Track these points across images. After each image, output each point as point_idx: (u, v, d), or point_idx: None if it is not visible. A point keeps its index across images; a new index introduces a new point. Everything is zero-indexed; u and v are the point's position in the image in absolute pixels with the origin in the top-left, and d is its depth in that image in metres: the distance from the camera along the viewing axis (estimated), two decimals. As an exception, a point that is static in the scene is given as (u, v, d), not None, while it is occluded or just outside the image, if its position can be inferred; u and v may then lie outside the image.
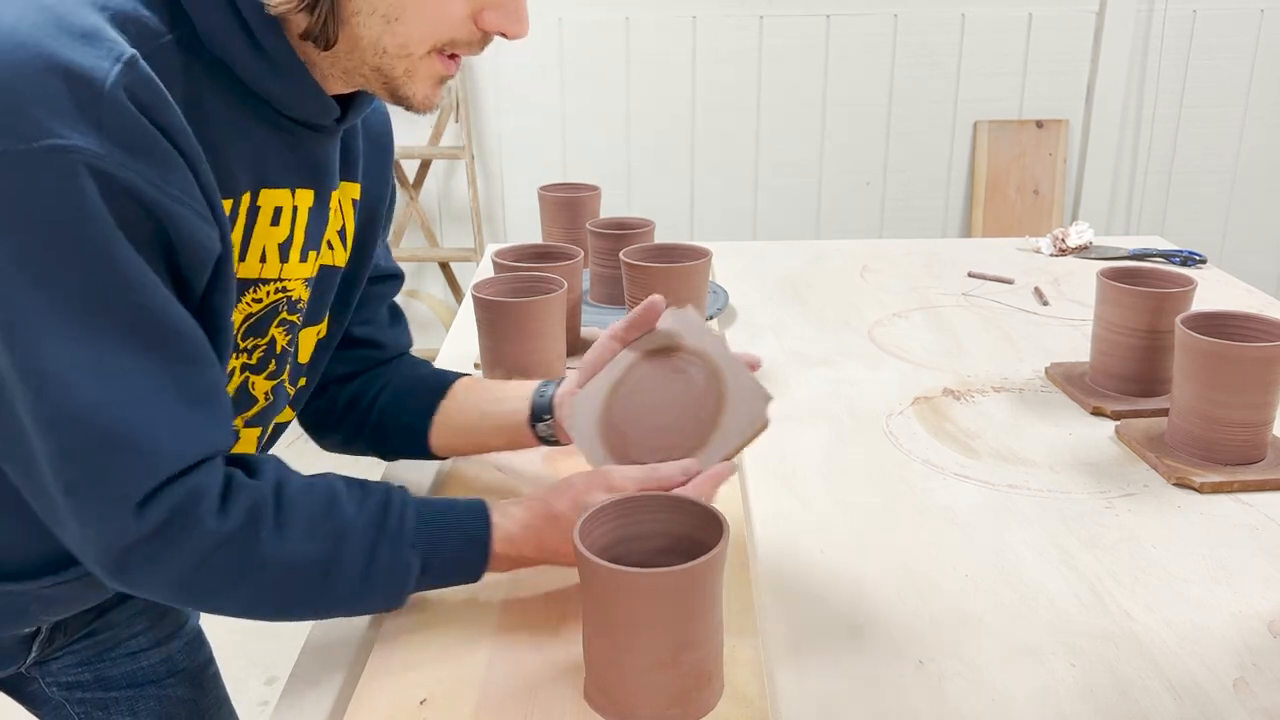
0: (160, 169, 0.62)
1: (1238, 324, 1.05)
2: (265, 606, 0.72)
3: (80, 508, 0.65)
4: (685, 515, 0.73)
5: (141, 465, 0.64)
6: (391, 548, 0.74)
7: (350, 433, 0.99)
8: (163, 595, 0.70)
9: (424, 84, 0.75)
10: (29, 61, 0.58)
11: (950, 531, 0.94)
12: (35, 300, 0.60)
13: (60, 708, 1.00)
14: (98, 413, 0.62)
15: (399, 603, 0.76)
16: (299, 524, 0.71)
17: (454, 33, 0.72)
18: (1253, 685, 0.74)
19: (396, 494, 0.77)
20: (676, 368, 0.86)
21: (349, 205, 0.89)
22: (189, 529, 0.66)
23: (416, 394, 0.98)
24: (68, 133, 0.58)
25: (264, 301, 0.80)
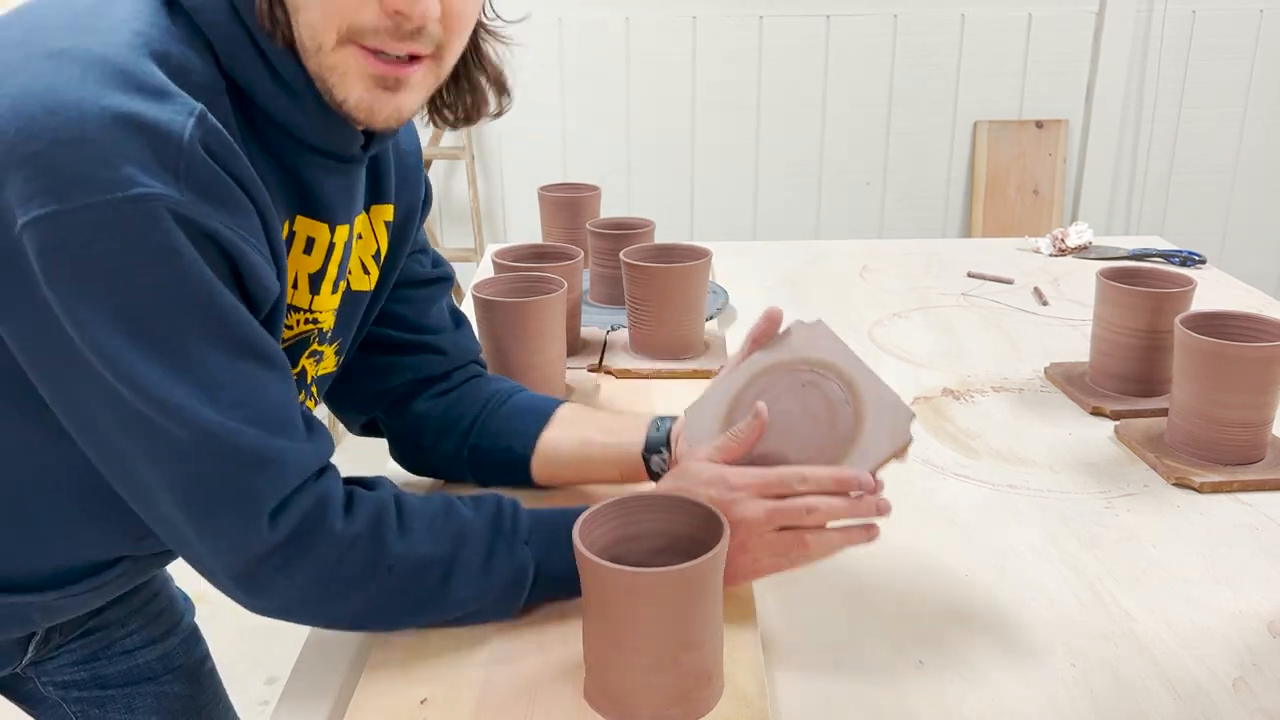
0: (234, 214, 0.65)
1: (1237, 324, 1.05)
2: (388, 611, 0.73)
3: (211, 528, 0.67)
4: (685, 515, 0.73)
5: (274, 477, 0.67)
6: (507, 546, 0.76)
7: (445, 457, 0.97)
8: (294, 604, 0.71)
9: (355, 84, 0.69)
10: (104, 115, 0.59)
11: (950, 531, 0.94)
12: (141, 339, 0.62)
13: (56, 707, 1.00)
14: (225, 433, 0.65)
15: (514, 606, 0.77)
16: (421, 527, 0.74)
17: (354, 17, 0.66)
18: (1253, 685, 0.74)
19: (506, 500, 0.79)
20: (807, 380, 0.82)
21: (381, 227, 0.89)
22: (319, 534, 0.69)
23: (518, 418, 0.96)
24: (150, 181, 0.60)
25: (295, 329, 0.82)
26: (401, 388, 0.97)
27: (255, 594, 0.70)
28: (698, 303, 1.29)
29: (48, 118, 0.59)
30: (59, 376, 0.65)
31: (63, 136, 0.58)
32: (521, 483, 0.95)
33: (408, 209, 0.92)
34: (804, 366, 0.83)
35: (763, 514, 0.75)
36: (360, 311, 0.89)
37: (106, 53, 0.62)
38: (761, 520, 0.75)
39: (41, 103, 0.59)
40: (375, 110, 0.71)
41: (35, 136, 0.58)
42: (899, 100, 3.32)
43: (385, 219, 0.89)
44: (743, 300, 1.59)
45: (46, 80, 0.60)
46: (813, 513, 0.75)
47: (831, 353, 0.82)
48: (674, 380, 1.27)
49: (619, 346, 1.34)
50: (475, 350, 1.02)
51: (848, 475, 0.76)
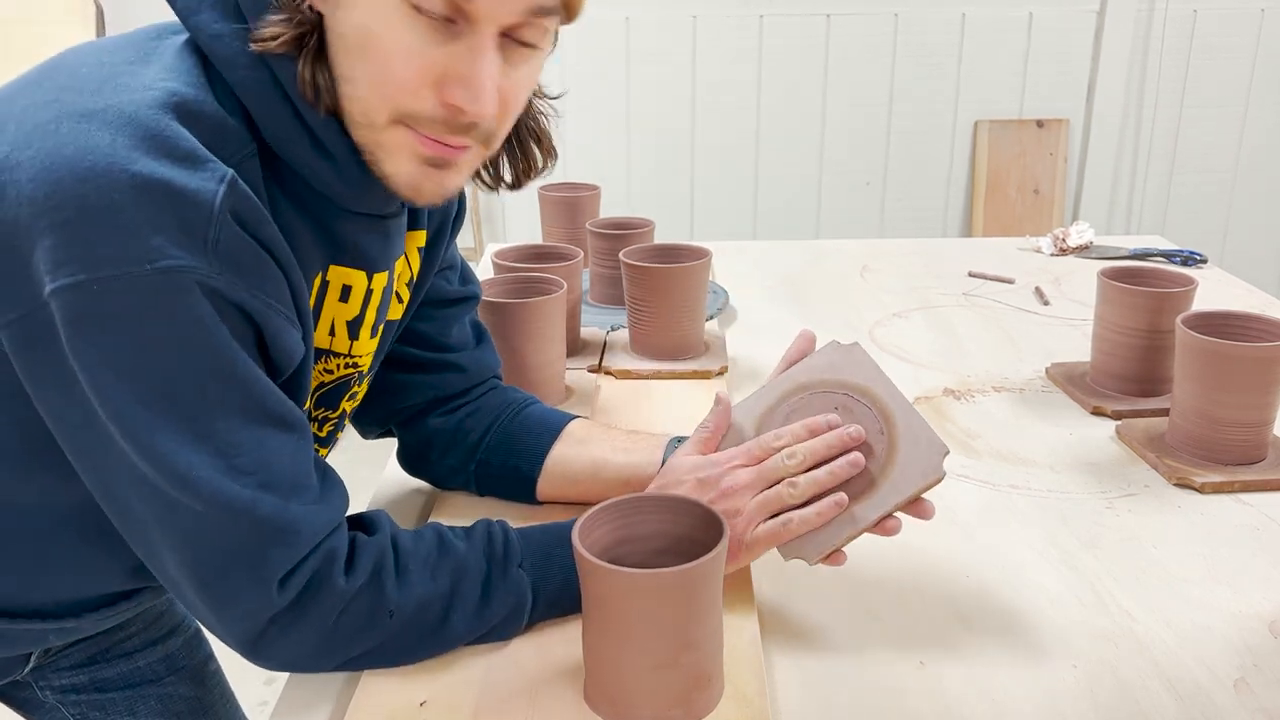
0: (261, 281, 0.65)
1: (1238, 324, 1.05)
2: (392, 654, 0.73)
3: (221, 596, 0.67)
4: (685, 516, 0.73)
5: (288, 546, 0.67)
6: (502, 573, 0.76)
7: (451, 470, 0.97)
8: (301, 659, 0.71)
9: (402, 162, 0.69)
10: (134, 183, 0.59)
11: (950, 531, 0.94)
12: (161, 408, 0.62)
13: (55, 711, 0.99)
14: (242, 504, 0.65)
15: (517, 629, 0.77)
16: (418, 567, 0.73)
17: (409, 102, 0.66)
18: (1253, 685, 0.74)
19: (496, 526, 0.79)
20: (841, 404, 0.81)
21: (415, 254, 0.88)
22: (323, 592, 0.69)
23: (528, 435, 0.95)
24: (179, 254, 0.60)
25: (335, 374, 0.82)
26: (420, 404, 0.97)
27: (262, 653, 0.70)
28: (698, 303, 1.29)
29: (77, 185, 0.58)
30: (77, 437, 0.65)
31: (92, 205, 0.58)
32: (526, 499, 0.95)
33: (439, 226, 0.91)
34: (839, 390, 0.81)
35: (750, 476, 0.78)
36: (390, 339, 0.90)
37: (138, 114, 0.61)
38: (750, 482, 0.78)
39: (71, 168, 0.58)
40: (421, 188, 0.71)
41: (65, 204, 0.58)
42: (899, 100, 3.32)
43: (418, 245, 0.89)
44: (743, 300, 1.59)
45: (77, 144, 0.59)
46: (794, 486, 0.77)
47: (869, 379, 0.81)
48: (674, 380, 1.27)
49: (619, 347, 1.34)
50: (495, 366, 1.01)
51: (817, 423, 0.79)
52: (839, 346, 0.83)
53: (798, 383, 0.83)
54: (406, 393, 0.96)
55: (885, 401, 0.79)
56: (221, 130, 0.65)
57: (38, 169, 0.59)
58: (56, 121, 0.60)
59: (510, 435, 0.95)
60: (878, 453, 0.78)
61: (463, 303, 0.98)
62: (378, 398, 0.96)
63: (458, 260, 1.00)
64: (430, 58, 0.64)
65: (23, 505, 0.74)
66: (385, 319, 0.86)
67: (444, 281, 0.96)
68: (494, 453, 0.95)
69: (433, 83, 0.65)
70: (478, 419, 0.96)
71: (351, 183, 0.71)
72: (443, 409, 0.97)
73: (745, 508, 0.77)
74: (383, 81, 0.65)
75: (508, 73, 0.68)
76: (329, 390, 0.83)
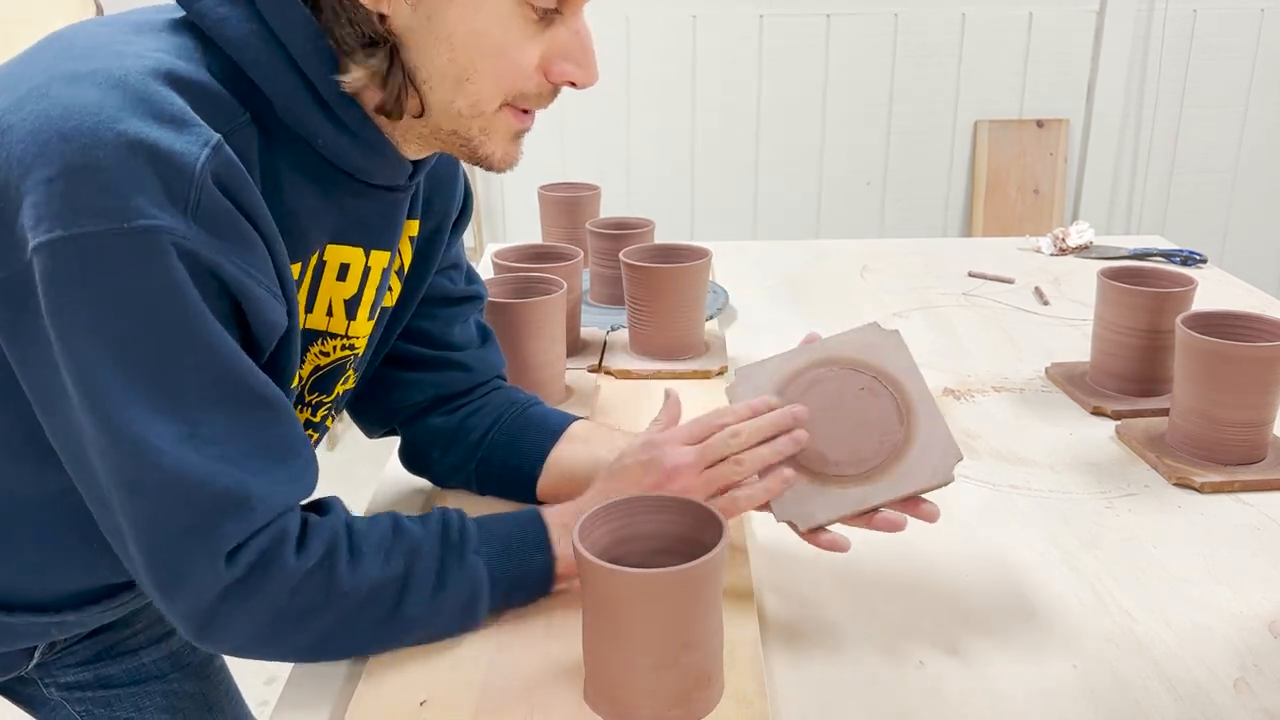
0: (240, 249, 0.65)
1: (1238, 324, 1.05)
2: (345, 639, 0.73)
3: (168, 568, 0.67)
4: (685, 516, 0.73)
5: (241, 519, 0.66)
6: (457, 558, 0.75)
7: (452, 468, 0.97)
8: (249, 640, 0.70)
9: (501, 140, 0.75)
10: (119, 143, 0.59)
11: (951, 532, 0.94)
12: (128, 373, 0.62)
13: (60, 708, 0.99)
14: (197, 474, 0.64)
15: (477, 617, 0.77)
16: (371, 550, 0.73)
17: (524, 85, 0.72)
18: (1253, 685, 0.74)
19: (452, 512, 0.79)
20: (867, 385, 0.81)
21: (406, 243, 0.89)
22: (273, 570, 0.68)
23: (529, 434, 0.95)
24: (158, 213, 0.60)
25: (331, 356, 0.82)
26: (423, 402, 0.97)
27: (211, 633, 0.69)
28: (698, 303, 1.29)
29: (63, 143, 0.59)
30: (51, 404, 0.65)
31: (75, 163, 0.58)
32: (527, 498, 0.95)
33: (438, 222, 0.92)
34: (867, 371, 0.81)
35: (693, 455, 0.79)
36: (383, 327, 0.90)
37: (127, 78, 0.61)
38: (693, 461, 0.79)
39: (58, 127, 0.59)
40: (511, 159, 0.77)
41: (50, 161, 0.59)
42: (899, 100, 3.31)
43: (410, 234, 0.89)
44: (743, 300, 1.59)
45: (64, 104, 0.60)
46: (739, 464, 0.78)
47: (900, 369, 0.81)
48: (674, 381, 1.27)
49: (619, 347, 1.34)
50: (499, 366, 1.01)
51: (757, 403, 0.80)
52: (878, 329, 0.83)
53: (830, 354, 0.83)
54: (409, 390, 0.96)
55: (911, 395, 0.80)
56: (212, 99, 0.65)
57: (27, 130, 0.59)
58: (47, 85, 0.61)
59: (512, 434, 0.95)
60: (891, 441, 0.78)
61: (467, 302, 0.99)
62: (381, 395, 0.96)
63: (463, 260, 1.00)
64: (538, 42, 0.71)
65: (24, 496, 0.74)
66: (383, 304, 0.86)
67: (448, 280, 0.96)
68: (495, 451, 0.95)
69: (540, 65, 0.72)
70: (480, 418, 0.96)
71: (368, 154, 0.73)
72: (445, 408, 0.97)
73: (692, 486, 0.78)
74: (504, 75, 0.71)
75: None
76: (325, 374, 0.83)
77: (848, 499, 0.78)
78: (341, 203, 0.75)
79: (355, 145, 0.72)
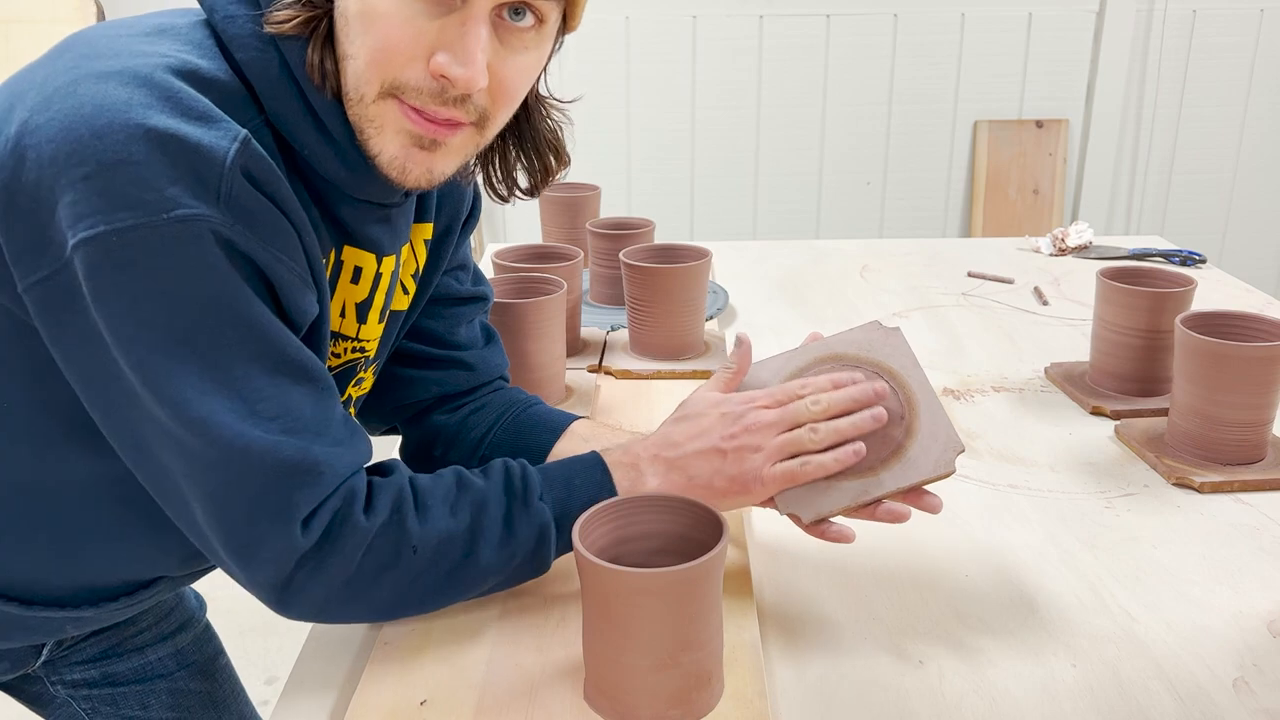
0: (272, 237, 0.66)
1: (1238, 324, 1.05)
2: (420, 593, 0.74)
3: (247, 542, 0.68)
4: (684, 515, 0.73)
5: (311, 486, 0.68)
6: (524, 505, 0.76)
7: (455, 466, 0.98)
8: (328, 601, 0.71)
9: (391, 139, 0.69)
10: (150, 138, 0.60)
11: (950, 531, 0.94)
12: (182, 357, 0.64)
13: (65, 705, 1.00)
14: (263, 446, 0.66)
15: (545, 562, 0.77)
16: (437, 504, 0.74)
17: (400, 73, 0.67)
18: (1253, 685, 0.74)
19: (514, 463, 0.80)
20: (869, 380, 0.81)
21: (421, 246, 0.89)
22: (346, 532, 0.70)
23: (531, 433, 0.95)
24: (195, 203, 0.61)
25: (342, 358, 0.83)
26: (426, 401, 0.97)
27: (291, 601, 0.70)
28: (698, 303, 1.29)
29: (95, 140, 0.60)
30: (106, 395, 0.66)
31: (109, 158, 0.59)
32: None
33: (448, 223, 0.92)
34: (869, 366, 0.82)
35: (775, 415, 0.78)
36: (396, 330, 0.90)
37: (153, 75, 0.62)
38: (774, 420, 0.78)
39: (89, 125, 0.60)
40: (408, 168, 0.71)
41: (84, 160, 0.60)
42: (899, 100, 3.31)
43: (425, 237, 0.89)
44: (743, 300, 1.59)
45: (94, 102, 0.61)
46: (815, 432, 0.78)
47: (902, 365, 0.82)
48: (674, 380, 1.27)
49: (619, 347, 1.34)
50: (503, 367, 1.02)
51: (841, 378, 0.80)
52: (880, 327, 0.84)
53: (832, 352, 0.84)
54: (413, 388, 0.96)
55: (913, 390, 0.80)
56: (233, 98, 0.66)
57: (56, 129, 0.60)
58: (74, 84, 0.62)
59: (513, 433, 0.95)
60: (894, 436, 0.79)
61: (473, 302, 0.99)
62: (385, 393, 0.96)
63: (470, 261, 1.00)
64: (423, 28, 0.66)
65: (49, 488, 0.75)
66: (391, 307, 0.86)
67: (454, 281, 0.97)
68: (497, 450, 0.95)
69: (424, 54, 0.67)
70: (481, 416, 0.96)
71: (353, 167, 0.72)
72: (447, 406, 0.97)
73: (766, 445, 0.78)
74: (378, 51, 0.67)
75: (503, 55, 0.69)
76: (336, 375, 0.84)
77: (850, 491, 0.78)
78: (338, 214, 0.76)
79: (339, 157, 0.72)
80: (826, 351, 0.84)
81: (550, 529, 0.77)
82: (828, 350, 0.84)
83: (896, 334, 0.83)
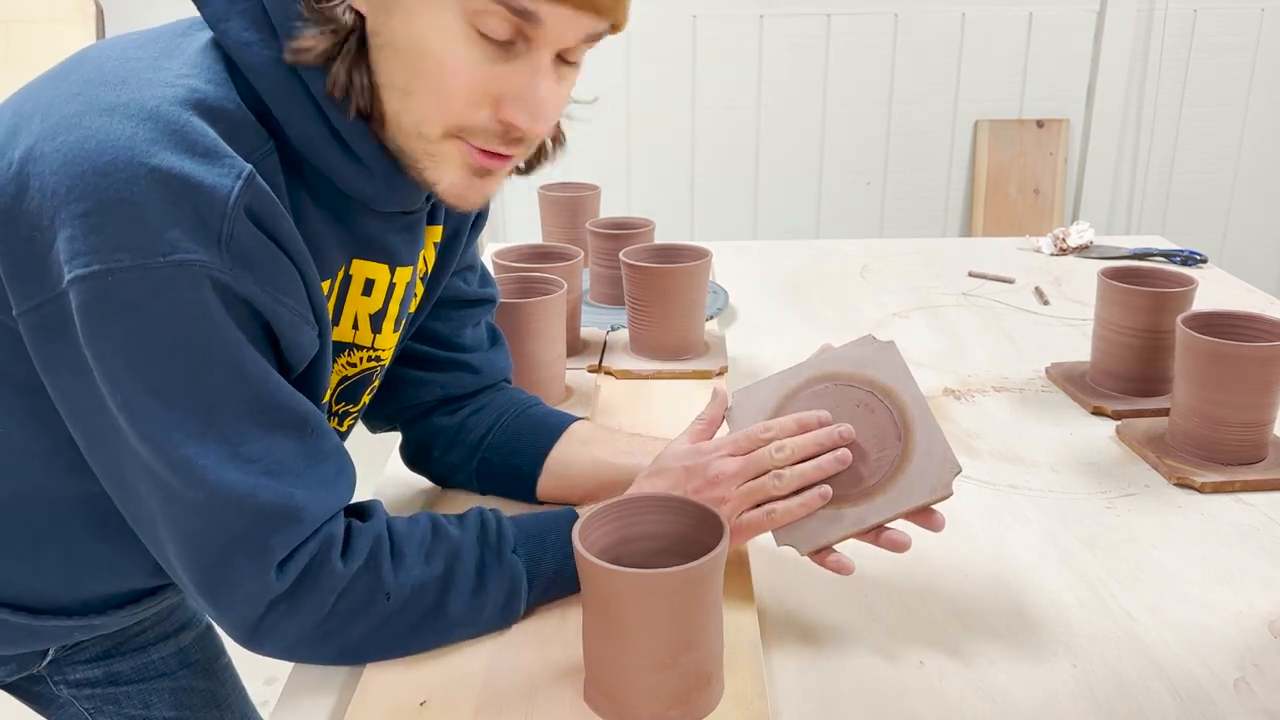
0: (272, 277, 0.66)
1: (1238, 324, 1.05)
2: (389, 640, 0.74)
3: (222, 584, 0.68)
4: (685, 516, 0.73)
5: (289, 531, 0.68)
6: (496, 558, 0.77)
7: (453, 467, 0.97)
8: (299, 644, 0.71)
9: (449, 170, 0.70)
10: (152, 177, 0.60)
11: (950, 531, 0.93)
12: (168, 399, 0.64)
13: (68, 705, 1.00)
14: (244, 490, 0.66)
15: (515, 615, 0.77)
16: (412, 551, 0.74)
17: (465, 118, 0.68)
18: (1253, 685, 0.74)
19: (489, 512, 0.80)
20: (863, 401, 0.80)
21: (430, 249, 0.89)
22: (322, 577, 0.70)
23: (530, 434, 0.95)
24: (193, 247, 0.61)
25: (359, 367, 0.83)
26: (430, 402, 0.97)
27: (261, 640, 0.70)
28: (698, 303, 1.29)
29: (98, 178, 0.60)
30: (91, 425, 0.66)
31: (110, 197, 0.59)
32: (526, 498, 0.95)
33: (456, 226, 0.92)
34: (864, 386, 0.81)
35: (737, 465, 0.78)
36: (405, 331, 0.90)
37: (159, 109, 0.62)
38: (737, 470, 0.78)
39: (92, 161, 0.60)
40: (466, 196, 0.72)
41: (85, 196, 0.60)
42: (899, 100, 3.31)
43: (434, 240, 0.89)
44: (743, 300, 1.59)
45: (99, 138, 0.60)
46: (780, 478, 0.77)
47: (896, 382, 0.81)
48: (674, 380, 1.27)
49: (619, 346, 1.34)
50: (507, 369, 1.02)
51: (808, 418, 0.79)
52: (873, 342, 0.83)
53: (825, 371, 0.83)
54: (417, 389, 0.96)
55: (908, 408, 0.79)
56: (241, 127, 0.66)
57: (61, 162, 0.60)
58: (80, 115, 0.62)
59: (512, 434, 0.95)
60: (889, 457, 0.78)
61: (480, 304, 0.99)
62: (389, 393, 0.96)
63: (478, 262, 1.00)
64: (488, 75, 0.66)
65: (53, 500, 0.75)
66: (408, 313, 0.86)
67: (462, 282, 0.97)
68: (496, 451, 0.95)
69: (490, 100, 0.67)
70: (481, 417, 0.96)
71: (378, 184, 0.73)
72: (448, 407, 0.98)
73: (730, 495, 0.78)
74: (441, 97, 0.66)
75: (556, 92, 0.69)
76: (352, 384, 0.84)
77: (847, 519, 0.77)
78: (358, 226, 0.76)
79: (367, 176, 0.72)
80: (819, 371, 0.83)
81: (522, 583, 0.77)
82: (820, 369, 0.83)
83: (891, 349, 0.82)
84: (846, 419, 0.80)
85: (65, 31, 2.99)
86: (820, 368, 0.83)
